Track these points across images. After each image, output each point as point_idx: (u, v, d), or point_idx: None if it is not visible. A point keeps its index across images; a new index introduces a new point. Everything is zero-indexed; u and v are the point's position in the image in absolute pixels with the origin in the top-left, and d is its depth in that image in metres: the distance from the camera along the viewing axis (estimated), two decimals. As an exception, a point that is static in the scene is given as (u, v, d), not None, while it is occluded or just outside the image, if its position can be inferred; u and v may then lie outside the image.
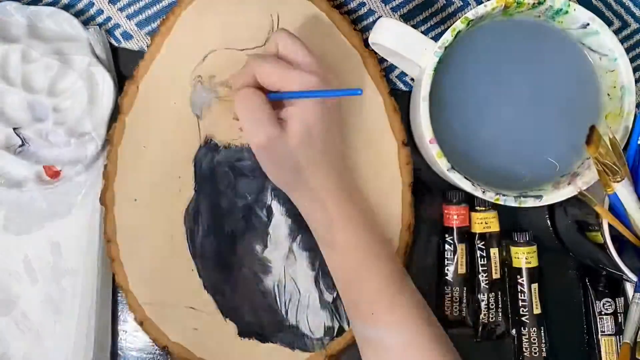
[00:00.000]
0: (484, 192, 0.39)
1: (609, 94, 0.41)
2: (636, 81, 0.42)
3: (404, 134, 0.45)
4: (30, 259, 0.46)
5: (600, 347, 0.46)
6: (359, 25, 0.48)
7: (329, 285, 0.45)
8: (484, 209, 0.46)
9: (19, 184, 0.46)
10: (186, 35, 0.45)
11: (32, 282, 0.46)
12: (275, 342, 0.44)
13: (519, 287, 0.45)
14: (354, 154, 0.45)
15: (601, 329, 0.46)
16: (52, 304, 0.46)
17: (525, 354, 0.45)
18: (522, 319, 0.45)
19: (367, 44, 0.45)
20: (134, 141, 0.45)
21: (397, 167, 0.45)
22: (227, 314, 0.45)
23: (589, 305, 0.47)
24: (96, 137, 0.46)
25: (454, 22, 0.39)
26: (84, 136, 0.46)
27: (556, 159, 0.42)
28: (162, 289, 0.45)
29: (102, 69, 0.46)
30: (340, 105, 0.42)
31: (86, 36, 0.46)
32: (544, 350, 0.45)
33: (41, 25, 0.47)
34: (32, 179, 0.46)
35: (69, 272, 0.46)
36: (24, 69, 0.46)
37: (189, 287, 0.45)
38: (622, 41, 0.45)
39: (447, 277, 0.46)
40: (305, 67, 0.38)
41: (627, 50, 0.46)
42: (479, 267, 0.46)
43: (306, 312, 0.45)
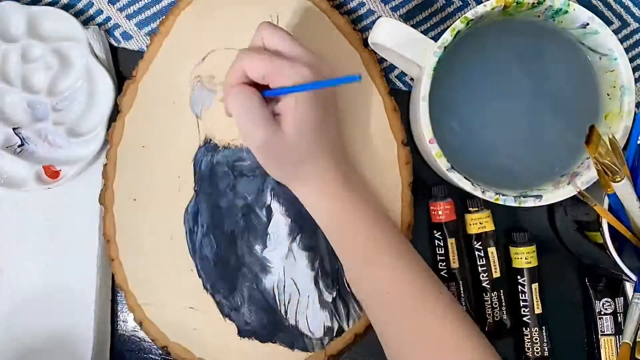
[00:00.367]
0: (484, 192, 0.39)
1: (608, 94, 0.41)
2: (636, 81, 0.42)
3: (404, 134, 0.45)
4: (29, 259, 0.46)
5: (600, 347, 0.46)
6: (359, 25, 0.48)
7: (328, 285, 0.45)
8: (477, 209, 0.46)
9: (19, 184, 0.46)
10: (186, 35, 0.45)
11: (32, 282, 0.46)
12: (274, 342, 0.44)
13: (519, 287, 0.45)
14: (354, 154, 0.45)
15: (601, 329, 0.46)
16: (51, 304, 0.46)
17: (527, 353, 0.45)
18: (524, 318, 0.45)
19: (367, 44, 0.45)
20: (134, 141, 0.45)
21: (397, 167, 0.45)
22: (226, 314, 0.45)
23: (589, 305, 0.47)
24: (96, 137, 0.46)
25: (453, 22, 0.39)
26: (83, 136, 0.46)
27: (556, 158, 0.42)
28: (162, 289, 0.45)
29: (101, 69, 0.46)
30: (335, 93, 0.42)
31: (86, 36, 0.46)
32: (546, 350, 0.45)
33: (41, 25, 0.47)
34: (32, 179, 0.46)
35: (69, 272, 0.46)
36: (24, 69, 0.46)
37: (189, 287, 0.45)
38: (621, 41, 0.45)
39: (442, 274, 0.46)
40: (294, 58, 0.37)
41: (627, 49, 0.46)
42: (479, 267, 0.46)
43: (306, 312, 0.45)
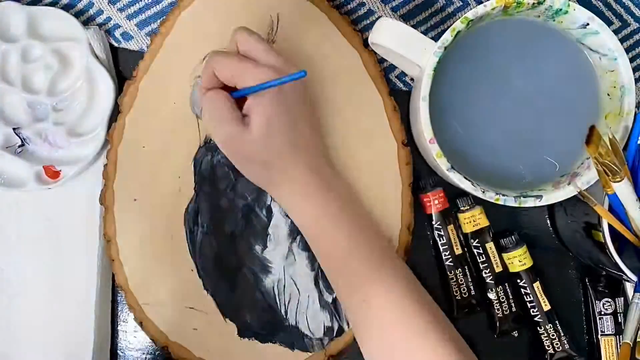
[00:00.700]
0: (484, 192, 0.39)
1: (608, 94, 0.41)
2: (636, 81, 0.42)
3: (404, 134, 0.45)
4: (29, 259, 0.46)
5: (600, 347, 0.46)
6: (359, 25, 0.48)
7: (328, 285, 0.45)
8: (468, 207, 0.46)
9: (19, 184, 0.46)
10: (186, 35, 0.45)
11: (32, 282, 0.46)
12: (275, 342, 0.44)
13: (522, 290, 0.45)
14: (354, 154, 0.45)
15: (601, 329, 0.46)
16: (51, 304, 0.46)
17: (549, 351, 0.45)
18: (535, 319, 0.45)
19: (367, 44, 0.45)
20: (134, 141, 0.45)
21: (397, 167, 0.45)
22: (226, 314, 0.45)
23: (589, 305, 0.47)
24: (96, 137, 0.46)
25: (453, 22, 0.39)
26: (83, 136, 0.46)
27: (556, 159, 0.42)
28: (162, 289, 0.45)
29: (102, 69, 0.45)
30: (305, 96, 0.42)
31: (86, 36, 0.46)
32: (565, 343, 0.45)
33: (41, 25, 0.47)
34: (32, 179, 0.46)
35: (69, 272, 0.46)
36: (24, 69, 0.46)
37: (189, 287, 0.45)
38: (621, 41, 0.45)
39: (447, 263, 0.46)
40: (261, 60, 0.38)
41: (627, 50, 0.46)
42: (480, 264, 0.46)
43: (306, 312, 0.45)
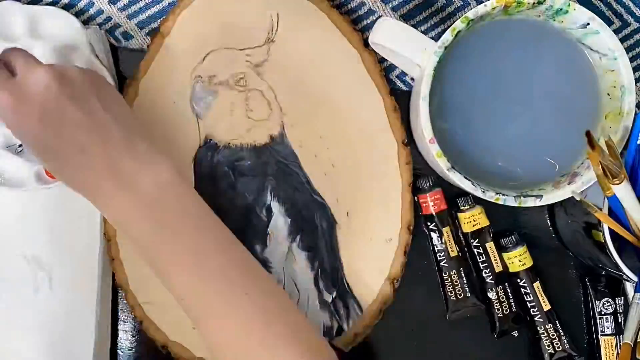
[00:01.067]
0: (484, 192, 0.39)
1: (609, 94, 0.41)
2: (636, 81, 0.42)
3: (404, 134, 0.45)
4: (29, 259, 0.46)
5: (600, 347, 0.46)
6: (359, 25, 0.48)
7: (328, 285, 0.45)
8: (468, 207, 0.46)
9: (19, 184, 0.46)
10: (186, 35, 0.45)
11: (32, 282, 0.46)
12: (274, 342, 0.44)
13: (522, 290, 0.45)
14: (354, 154, 0.45)
15: (601, 329, 0.46)
16: (51, 304, 0.46)
17: (549, 351, 0.45)
18: (535, 318, 0.45)
19: (367, 44, 0.45)
20: (134, 141, 0.45)
21: (397, 167, 0.45)
22: (226, 314, 0.45)
23: (589, 305, 0.47)
24: (96, 137, 0.46)
25: (454, 22, 0.39)
26: (84, 136, 0.46)
27: (556, 159, 0.42)
28: (162, 288, 0.44)
29: (102, 69, 0.45)
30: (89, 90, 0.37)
31: (86, 36, 0.46)
32: (565, 342, 0.45)
33: (41, 25, 0.47)
34: (32, 179, 0.46)
35: (69, 272, 0.46)
36: (24, 68, 0.46)
37: (189, 287, 0.45)
38: (622, 40, 0.45)
39: (442, 264, 0.46)
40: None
41: (627, 49, 0.46)
42: (480, 264, 0.46)
43: (305, 312, 0.45)
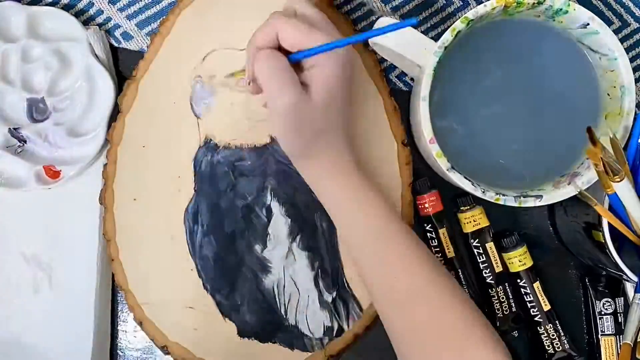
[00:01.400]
0: (484, 192, 0.39)
1: (608, 94, 0.41)
2: (636, 81, 0.42)
3: (404, 134, 0.45)
4: (29, 259, 0.46)
5: (600, 347, 0.46)
6: (359, 25, 0.48)
7: (328, 285, 0.45)
8: (469, 207, 0.46)
9: (19, 184, 0.46)
10: (186, 35, 0.45)
11: (32, 282, 0.46)
12: (274, 342, 0.44)
13: (522, 290, 0.45)
14: (354, 154, 0.45)
15: (601, 329, 0.46)
16: (51, 304, 0.46)
17: (549, 351, 0.45)
18: (535, 318, 0.45)
19: (367, 44, 0.45)
20: (134, 141, 0.45)
21: (397, 167, 0.45)
22: (226, 314, 0.45)
23: (589, 305, 0.47)
24: (96, 137, 0.46)
25: (454, 22, 0.39)
26: (84, 136, 0.46)
27: (556, 158, 0.42)
28: (162, 289, 0.45)
29: (102, 69, 0.46)
30: (352, 68, 0.41)
31: (86, 36, 0.46)
32: (565, 342, 0.45)
33: (41, 25, 0.47)
34: (32, 179, 0.46)
35: (69, 272, 0.46)
36: (24, 69, 0.46)
37: (189, 287, 0.45)
38: (622, 41, 0.45)
39: None
40: (330, 34, 0.37)
41: (627, 49, 0.46)
42: (480, 264, 0.46)
43: (305, 312, 0.45)
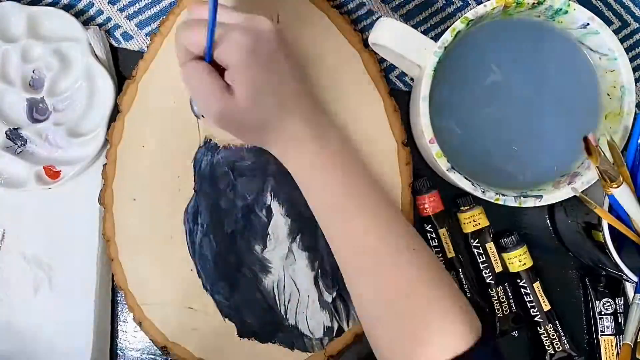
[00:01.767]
0: (484, 192, 0.39)
1: (608, 94, 0.41)
2: (636, 81, 0.42)
3: (404, 134, 0.45)
4: (29, 259, 0.46)
5: (600, 347, 0.46)
6: (359, 25, 0.48)
7: (328, 285, 0.45)
8: (469, 207, 0.45)
9: (19, 184, 0.46)
10: (186, 35, 0.45)
11: (32, 282, 0.46)
12: (274, 342, 0.44)
13: (522, 290, 0.45)
14: (354, 154, 0.45)
15: (601, 329, 0.46)
16: (51, 304, 0.46)
17: (549, 351, 0.45)
18: (535, 319, 0.45)
19: (367, 44, 0.45)
20: (134, 141, 0.45)
21: (397, 167, 0.45)
22: (226, 314, 0.45)
23: (589, 305, 0.47)
24: (96, 137, 0.46)
25: (453, 22, 0.39)
26: (83, 136, 0.46)
27: (556, 158, 0.42)
28: (161, 289, 0.45)
29: (101, 69, 0.46)
30: (282, 50, 0.39)
31: (86, 36, 0.46)
32: (565, 342, 0.45)
33: (41, 25, 0.47)
34: (32, 179, 0.46)
35: (69, 272, 0.46)
36: (24, 69, 0.46)
37: (188, 287, 0.45)
38: (621, 41, 0.45)
39: None
40: (226, 22, 0.37)
41: (627, 49, 0.46)
42: (480, 264, 0.45)
43: (305, 312, 0.45)
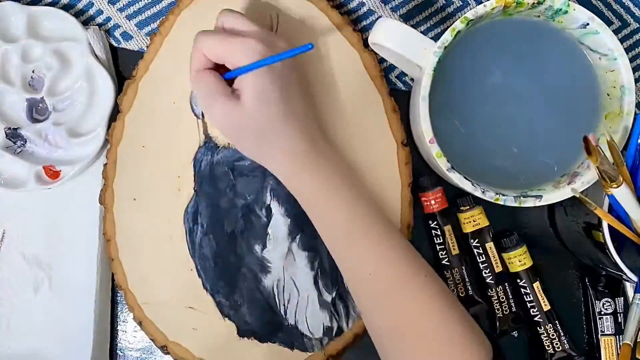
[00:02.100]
0: (484, 192, 0.39)
1: (608, 94, 0.41)
2: (636, 81, 0.42)
3: (404, 134, 0.45)
4: (29, 259, 0.46)
5: (600, 347, 0.46)
6: (359, 25, 0.48)
7: (328, 285, 0.45)
8: (469, 207, 0.46)
9: (19, 184, 0.46)
10: (186, 35, 0.45)
11: (32, 282, 0.46)
12: (274, 342, 0.44)
13: (521, 290, 0.45)
14: (354, 154, 0.45)
15: (601, 329, 0.46)
16: (51, 304, 0.46)
17: (549, 351, 0.45)
18: (535, 319, 0.45)
19: (367, 44, 0.45)
20: (134, 141, 0.45)
21: (397, 167, 0.45)
22: (226, 314, 0.45)
23: (589, 305, 0.47)
24: (96, 137, 0.46)
25: (453, 22, 0.39)
26: (83, 136, 0.46)
27: (556, 158, 0.42)
28: (161, 289, 0.45)
29: (101, 69, 0.46)
30: (293, 67, 0.41)
31: (86, 36, 0.46)
32: (565, 342, 0.45)
33: (41, 25, 0.47)
34: (32, 179, 0.46)
35: (69, 272, 0.46)
36: (23, 69, 0.46)
37: (188, 287, 0.45)
38: (621, 40, 0.45)
39: (444, 262, 0.46)
40: (248, 36, 0.38)
41: (627, 49, 0.46)
42: (480, 264, 0.46)
43: (305, 312, 0.45)
